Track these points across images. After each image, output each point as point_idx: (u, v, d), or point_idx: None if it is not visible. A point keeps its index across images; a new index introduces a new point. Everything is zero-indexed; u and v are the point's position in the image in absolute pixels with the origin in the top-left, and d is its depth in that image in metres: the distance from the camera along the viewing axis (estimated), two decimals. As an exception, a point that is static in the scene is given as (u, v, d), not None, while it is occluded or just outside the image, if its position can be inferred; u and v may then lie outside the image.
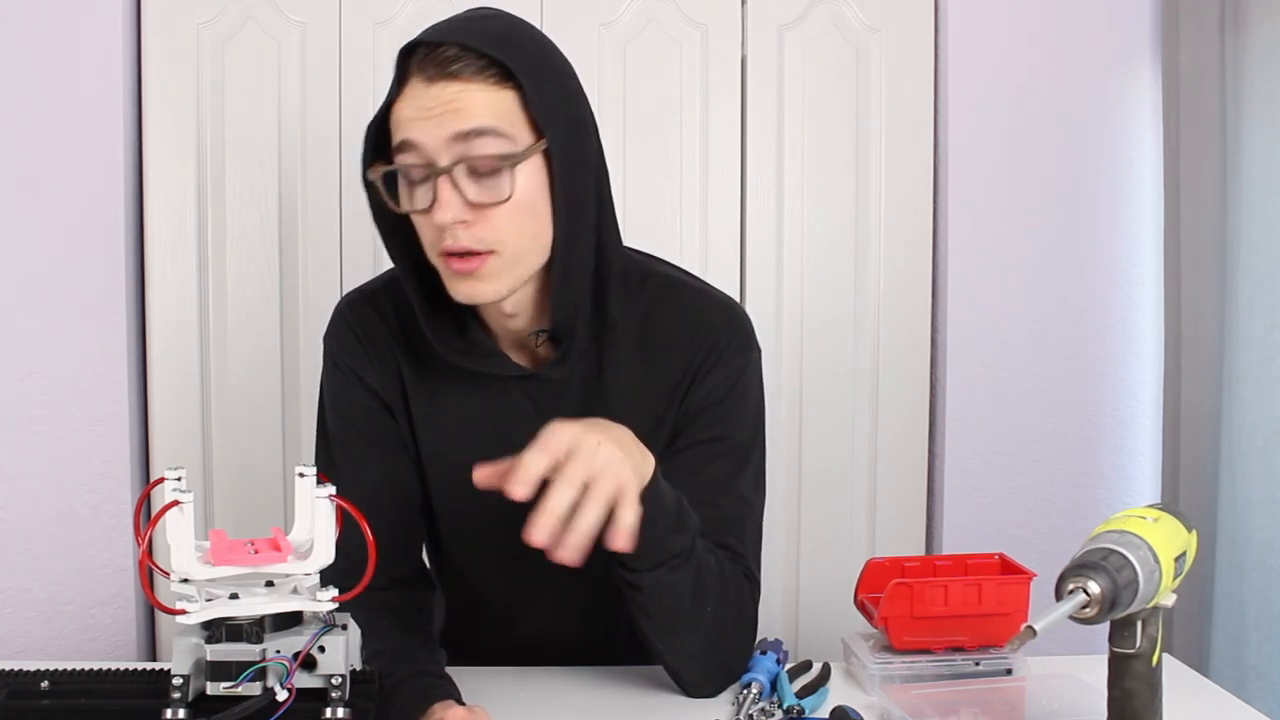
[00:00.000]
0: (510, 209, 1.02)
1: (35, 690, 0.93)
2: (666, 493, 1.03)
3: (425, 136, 1.01)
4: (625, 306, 1.15)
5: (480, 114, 1.00)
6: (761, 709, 1.11)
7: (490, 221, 1.02)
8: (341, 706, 0.87)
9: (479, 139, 1.00)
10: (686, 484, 1.15)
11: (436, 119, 1.00)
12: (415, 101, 1.01)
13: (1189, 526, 0.96)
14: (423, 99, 1.01)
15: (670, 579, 1.05)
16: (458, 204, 1.01)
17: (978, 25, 2.13)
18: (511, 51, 1.02)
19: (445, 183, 1.01)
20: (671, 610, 1.08)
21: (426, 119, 1.00)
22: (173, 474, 0.87)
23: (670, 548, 1.04)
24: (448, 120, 1.00)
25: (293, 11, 2.05)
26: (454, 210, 1.01)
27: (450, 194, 1.01)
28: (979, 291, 2.15)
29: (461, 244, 1.03)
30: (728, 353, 1.17)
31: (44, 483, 2.05)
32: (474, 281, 1.05)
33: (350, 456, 1.20)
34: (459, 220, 1.01)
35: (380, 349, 1.19)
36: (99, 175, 2.02)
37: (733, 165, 2.12)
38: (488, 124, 1.00)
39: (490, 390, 1.16)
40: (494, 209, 1.02)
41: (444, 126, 1.00)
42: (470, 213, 1.02)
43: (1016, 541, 2.14)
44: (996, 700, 1.15)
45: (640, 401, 1.16)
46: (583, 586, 1.24)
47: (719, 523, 1.14)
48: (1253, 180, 1.89)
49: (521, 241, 1.05)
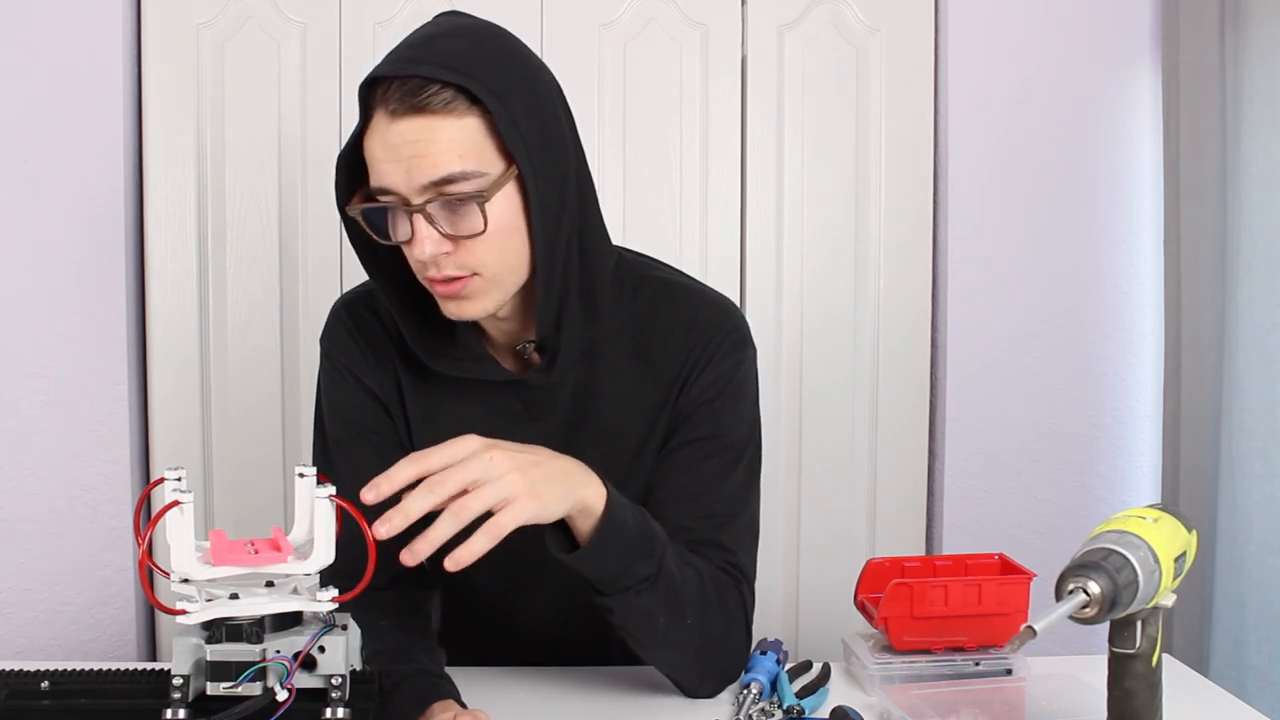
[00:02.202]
0: (487, 238, 1.03)
1: (35, 690, 0.93)
2: (625, 520, 1.03)
3: (397, 182, 1.01)
4: (618, 310, 1.16)
5: (446, 158, 1.00)
6: (761, 709, 1.11)
7: (470, 249, 1.03)
8: (341, 706, 0.87)
9: (448, 185, 1.00)
10: (679, 481, 1.15)
11: (405, 163, 1.00)
12: (382, 139, 1.01)
13: (1189, 526, 0.96)
14: (389, 136, 1.00)
15: (639, 601, 1.05)
16: (435, 238, 1.02)
17: (978, 25, 2.13)
18: (475, 73, 1.00)
19: (420, 219, 1.01)
20: (647, 628, 1.08)
21: (395, 162, 1.00)
22: (173, 474, 0.87)
23: (635, 574, 1.04)
24: (415, 167, 1.00)
25: (293, 11, 2.05)
26: (431, 245, 1.02)
27: (426, 229, 1.01)
28: (979, 291, 2.15)
29: (444, 273, 1.04)
30: (721, 351, 1.17)
31: (44, 483, 2.05)
32: (461, 302, 1.06)
33: (347, 456, 1.20)
34: (438, 253, 1.02)
35: (377, 349, 1.20)
36: (99, 175, 2.02)
37: (733, 165, 2.13)
38: (454, 170, 1.00)
39: (484, 394, 1.17)
40: (471, 239, 1.02)
41: (412, 174, 1.00)
42: (448, 244, 1.02)
43: (1016, 541, 2.14)
44: (996, 700, 1.15)
45: (633, 403, 1.16)
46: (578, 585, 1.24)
47: (709, 519, 1.14)
48: (1253, 180, 1.89)
49: (503, 264, 1.05)
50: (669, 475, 1.16)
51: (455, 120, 1.00)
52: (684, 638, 1.10)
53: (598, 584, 1.04)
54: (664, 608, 1.07)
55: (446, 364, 1.14)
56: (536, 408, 1.16)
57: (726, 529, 1.16)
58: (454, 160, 1.00)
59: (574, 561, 1.02)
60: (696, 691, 1.15)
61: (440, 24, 1.06)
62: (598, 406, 1.16)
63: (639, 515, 1.05)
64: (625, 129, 2.10)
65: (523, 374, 1.15)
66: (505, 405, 1.17)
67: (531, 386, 1.16)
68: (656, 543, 1.06)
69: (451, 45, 1.02)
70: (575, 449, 1.17)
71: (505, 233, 1.04)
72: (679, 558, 1.09)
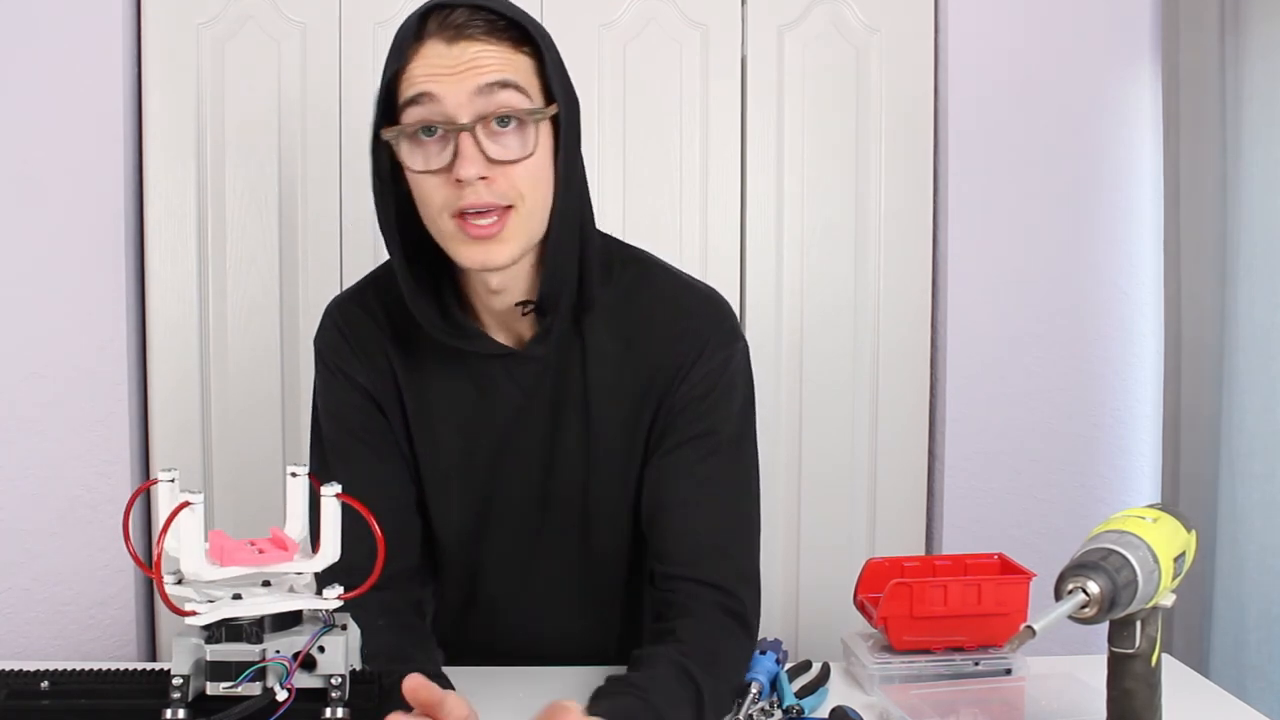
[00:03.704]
0: (530, 165, 1.04)
1: (35, 690, 0.93)
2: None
3: (446, 92, 1.02)
4: (605, 288, 1.16)
5: (503, 69, 1.02)
6: (761, 709, 1.11)
7: (510, 177, 1.03)
8: (341, 706, 0.87)
9: (503, 92, 1.02)
10: (680, 485, 1.15)
11: (458, 75, 1.01)
12: (434, 61, 1.02)
13: (1188, 526, 0.96)
14: (443, 58, 1.02)
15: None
16: (480, 160, 1.02)
17: (978, 25, 2.13)
18: (527, 17, 1.05)
19: (467, 139, 1.01)
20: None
21: (449, 76, 1.02)
22: (166, 475, 0.87)
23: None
24: (470, 76, 1.01)
25: (293, 11, 2.05)
26: (477, 165, 1.02)
27: (473, 149, 1.01)
28: (979, 291, 2.15)
29: (483, 199, 1.03)
30: (710, 346, 1.17)
31: (44, 483, 2.05)
32: (490, 245, 1.05)
33: (343, 457, 1.20)
34: (481, 176, 1.02)
35: (369, 347, 1.20)
36: (99, 175, 2.02)
37: (733, 165, 2.12)
38: (510, 77, 1.02)
39: (475, 371, 1.17)
40: (514, 166, 1.03)
41: (466, 81, 1.01)
42: (491, 168, 1.02)
43: (1016, 541, 2.14)
44: (996, 700, 1.15)
45: (618, 385, 1.17)
46: (579, 581, 1.25)
47: (713, 537, 1.14)
48: (1253, 180, 1.89)
49: (537, 198, 1.06)
50: (670, 482, 1.16)
51: (511, 49, 1.03)
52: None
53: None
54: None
55: (439, 332, 1.14)
56: (527, 384, 1.17)
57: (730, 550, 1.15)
58: (510, 71, 1.02)
59: None
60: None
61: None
62: (584, 384, 1.17)
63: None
64: (625, 129, 2.10)
65: (518, 348, 1.16)
66: (496, 383, 1.17)
67: (520, 360, 1.16)
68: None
69: (503, 2, 1.06)
70: (563, 427, 1.18)
71: (544, 166, 1.06)
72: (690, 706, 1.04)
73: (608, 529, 1.21)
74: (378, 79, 1.09)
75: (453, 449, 1.20)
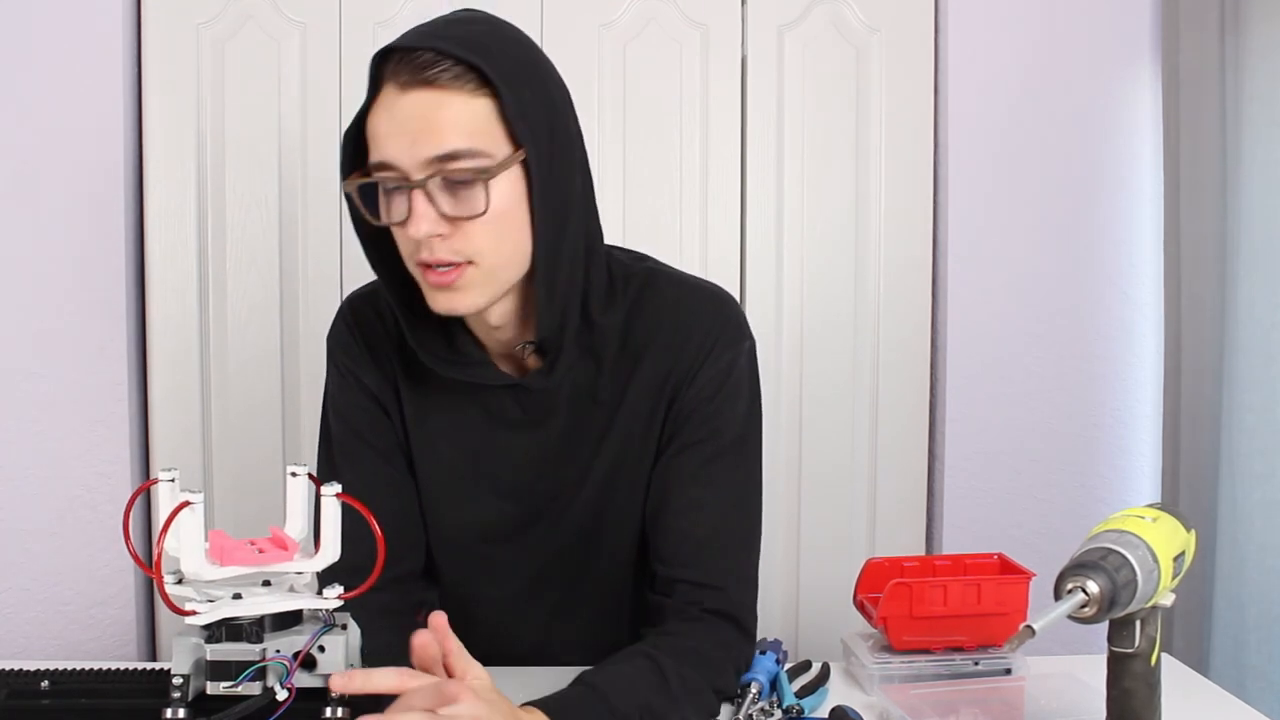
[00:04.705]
0: (486, 222, 1.00)
1: (35, 690, 0.93)
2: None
3: (399, 155, 0.99)
4: (612, 311, 1.14)
5: (454, 134, 0.98)
6: (761, 709, 1.11)
7: (466, 234, 1.00)
8: (341, 706, 0.87)
9: (452, 160, 0.98)
10: (683, 488, 1.14)
11: (411, 135, 0.98)
12: (389, 111, 0.99)
13: (1188, 526, 0.96)
14: (396, 109, 0.99)
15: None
16: (432, 217, 0.99)
17: (978, 25, 2.13)
18: (489, 56, 0.99)
19: (420, 196, 0.99)
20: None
21: (401, 135, 0.99)
22: (166, 475, 0.87)
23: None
24: (420, 140, 0.98)
25: (293, 11, 2.05)
26: (428, 224, 0.99)
27: (425, 207, 0.99)
28: (979, 291, 2.15)
29: (437, 256, 1.01)
30: (717, 348, 1.15)
31: (44, 483, 2.05)
32: (451, 294, 1.03)
33: (350, 457, 1.19)
34: (434, 234, 1.00)
35: (377, 351, 1.19)
36: (99, 175, 2.02)
37: (733, 165, 2.13)
38: (462, 146, 0.98)
39: (481, 397, 1.16)
40: (470, 222, 1.00)
41: (417, 146, 0.98)
42: (446, 225, 1.00)
43: (1016, 541, 2.14)
44: (995, 700, 1.15)
45: (629, 401, 1.15)
46: (579, 601, 1.24)
47: (714, 539, 1.14)
48: (1253, 180, 1.89)
49: (500, 253, 1.03)
50: (673, 484, 1.15)
51: (465, 98, 0.98)
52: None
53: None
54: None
55: (442, 365, 1.13)
56: (534, 411, 1.16)
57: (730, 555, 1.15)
58: (460, 136, 0.98)
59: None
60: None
61: (457, 13, 1.06)
62: (595, 408, 1.15)
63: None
64: (625, 129, 2.10)
65: (521, 377, 1.14)
66: (501, 409, 1.16)
67: (529, 390, 1.15)
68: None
69: (467, 30, 1.01)
70: (573, 452, 1.17)
71: (505, 219, 1.01)
72: (658, 695, 1.03)
73: (619, 541, 1.20)
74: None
75: (456, 467, 1.19)
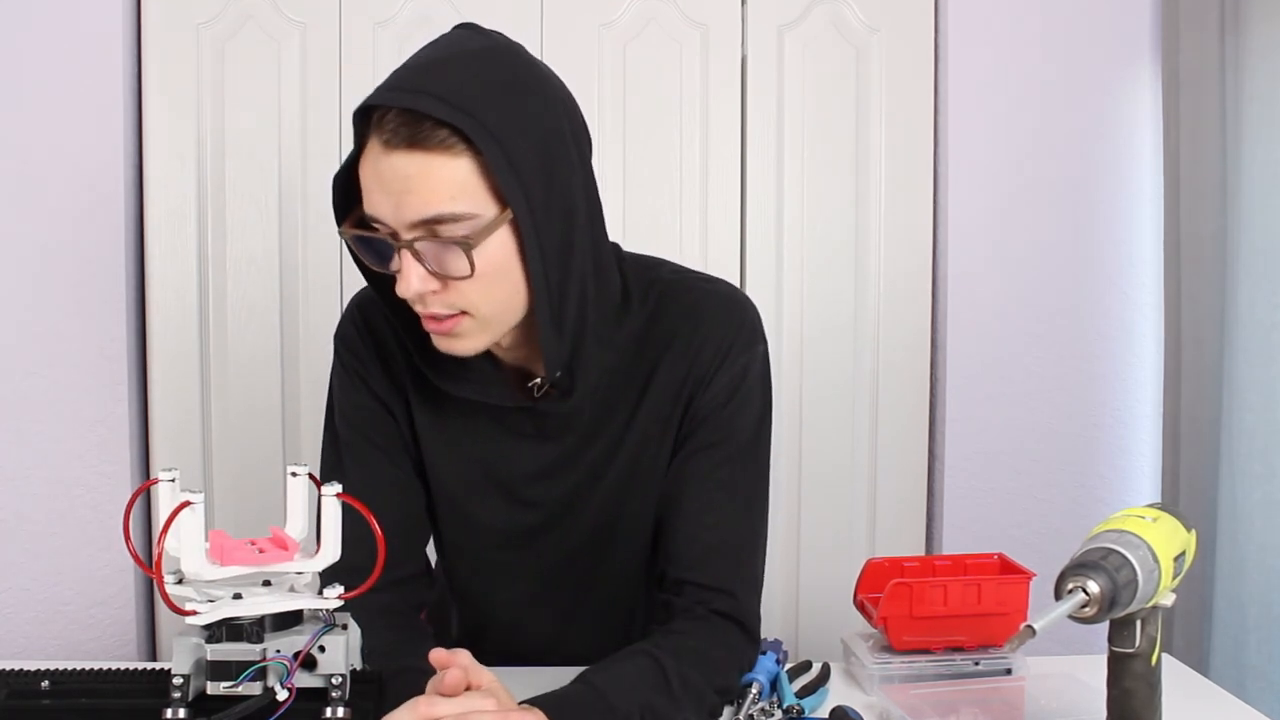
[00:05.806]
0: (476, 281, 0.99)
1: (35, 690, 0.93)
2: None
3: (386, 214, 0.98)
4: (628, 321, 1.14)
5: (437, 198, 0.95)
6: (761, 709, 1.10)
7: (458, 289, 0.99)
8: (341, 706, 0.87)
9: (437, 225, 0.96)
10: (693, 490, 1.14)
11: (396, 197, 0.96)
12: (375, 169, 0.98)
13: (1188, 526, 0.96)
14: (381, 167, 0.97)
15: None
16: (421, 274, 0.98)
17: (978, 25, 2.13)
18: (475, 111, 0.94)
19: (408, 255, 0.97)
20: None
21: (386, 195, 0.97)
22: (166, 475, 0.87)
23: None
24: (404, 203, 0.96)
25: (293, 11, 2.05)
26: (418, 282, 0.98)
27: (413, 266, 0.97)
28: (979, 291, 2.16)
29: (430, 310, 1.01)
30: (733, 352, 1.15)
31: (44, 483, 2.05)
32: (450, 339, 1.03)
33: (355, 457, 1.19)
34: (424, 291, 0.99)
35: (386, 353, 1.18)
36: (99, 175, 2.02)
37: (733, 165, 2.13)
38: (444, 211, 0.96)
39: (495, 411, 1.15)
40: (459, 280, 0.99)
41: (402, 210, 0.96)
42: (435, 282, 0.99)
43: (1016, 541, 2.14)
44: (996, 700, 1.15)
45: (645, 408, 1.15)
46: (591, 602, 1.24)
47: (722, 542, 1.14)
48: (1253, 180, 1.89)
49: (491, 306, 1.02)
50: (684, 486, 1.14)
51: (450, 159, 0.95)
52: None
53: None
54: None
55: (455, 385, 1.12)
56: (549, 426, 1.15)
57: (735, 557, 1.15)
58: (444, 200, 0.96)
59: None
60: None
61: (449, 45, 1.00)
62: (612, 421, 1.15)
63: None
64: (625, 129, 2.10)
65: (535, 400, 1.13)
66: (517, 423, 1.15)
67: (545, 411, 1.14)
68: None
69: (456, 77, 0.96)
70: (588, 458, 1.16)
71: (496, 276, 1.00)
72: (660, 692, 1.03)
73: (632, 543, 1.20)
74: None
75: (469, 475, 1.18)
